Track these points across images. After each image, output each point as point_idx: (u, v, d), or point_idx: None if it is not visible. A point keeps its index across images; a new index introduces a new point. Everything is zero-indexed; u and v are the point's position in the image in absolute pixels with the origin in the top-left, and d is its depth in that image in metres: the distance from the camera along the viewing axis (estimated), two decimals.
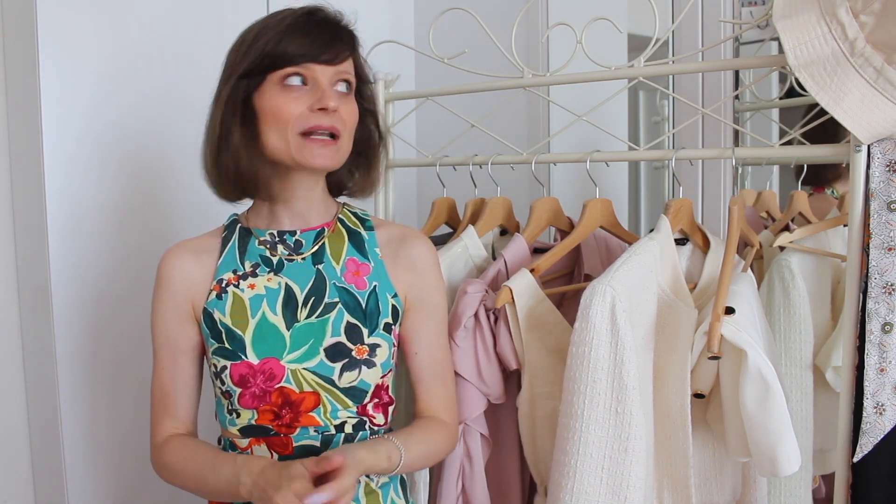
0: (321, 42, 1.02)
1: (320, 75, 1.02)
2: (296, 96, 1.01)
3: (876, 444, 1.01)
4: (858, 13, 0.98)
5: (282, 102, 1.01)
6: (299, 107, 1.01)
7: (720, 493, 1.14)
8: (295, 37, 1.01)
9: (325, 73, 1.02)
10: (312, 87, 1.02)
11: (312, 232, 1.10)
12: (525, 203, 1.37)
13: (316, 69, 1.02)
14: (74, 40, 1.45)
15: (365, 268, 1.10)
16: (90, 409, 1.52)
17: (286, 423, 1.04)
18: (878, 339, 1.01)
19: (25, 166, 1.48)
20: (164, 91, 1.57)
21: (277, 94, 1.01)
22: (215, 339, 1.06)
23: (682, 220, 1.20)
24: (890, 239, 1.00)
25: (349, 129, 1.06)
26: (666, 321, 1.08)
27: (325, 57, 1.02)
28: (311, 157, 1.02)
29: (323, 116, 1.01)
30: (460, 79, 1.40)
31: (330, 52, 1.02)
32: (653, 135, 1.67)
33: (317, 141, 1.02)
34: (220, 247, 1.11)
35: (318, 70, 1.02)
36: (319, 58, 1.01)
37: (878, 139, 1.00)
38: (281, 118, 1.01)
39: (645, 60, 1.20)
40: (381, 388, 1.08)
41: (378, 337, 1.06)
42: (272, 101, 1.01)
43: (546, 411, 1.16)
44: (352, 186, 1.15)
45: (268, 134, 1.02)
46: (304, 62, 1.01)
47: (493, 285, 1.24)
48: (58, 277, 1.45)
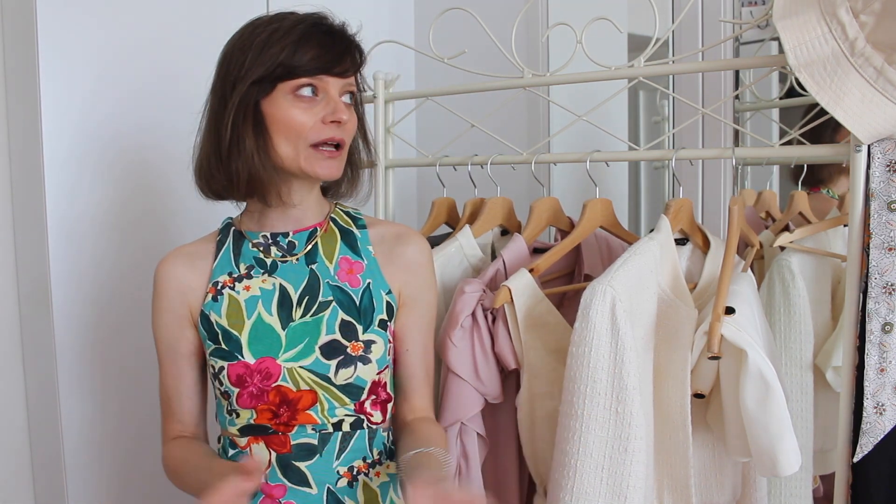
0: (335, 54, 1.03)
1: (331, 87, 1.04)
2: (307, 107, 1.02)
3: (876, 444, 1.01)
4: (858, 13, 0.98)
5: (295, 113, 1.02)
6: (312, 118, 1.02)
7: (720, 493, 1.14)
8: (310, 47, 1.01)
9: (336, 84, 1.04)
10: (323, 99, 1.03)
11: (305, 232, 1.11)
12: (525, 203, 1.37)
13: (328, 81, 1.03)
14: (74, 37, 1.45)
15: (358, 266, 1.10)
16: (90, 409, 1.52)
17: (284, 422, 1.04)
18: (878, 339, 1.01)
19: (25, 166, 1.48)
20: (164, 86, 1.57)
21: (290, 105, 1.02)
22: (212, 341, 1.07)
23: (682, 220, 1.20)
24: (890, 239, 1.00)
25: (352, 137, 1.08)
26: (666, 321, 1.08)
27: (337, 70, 1.03)
28: (319, 168, 1.04)
29: (336, 129, 1.04)
30: (460, 79, 1.40)
31: (342, 64, 1.03)
32: (653, 135, 1.67)
33: (324, 152, 1.04)
34: (214, 251, 1.11)
35: (331, 82, 1.03)
36: (332, 70, 1.03)
37: (878, 139, 1.00)
38: (293, 129, 1.02)
39: (645, 60, 1.20)
40: (379, 385, 1.08)
41: (373, 333, 1.07)
42: (284, 111, 1.02)
43: (546, 411, 1.16)
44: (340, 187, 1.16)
45: (279, 142, 1.03)
46: (319, 74, 1.02)
47: (492, 285, 1.24)
48: (58, 277, 1.45)
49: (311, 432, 1.05)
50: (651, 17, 1.18)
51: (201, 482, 0.98)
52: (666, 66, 1.24)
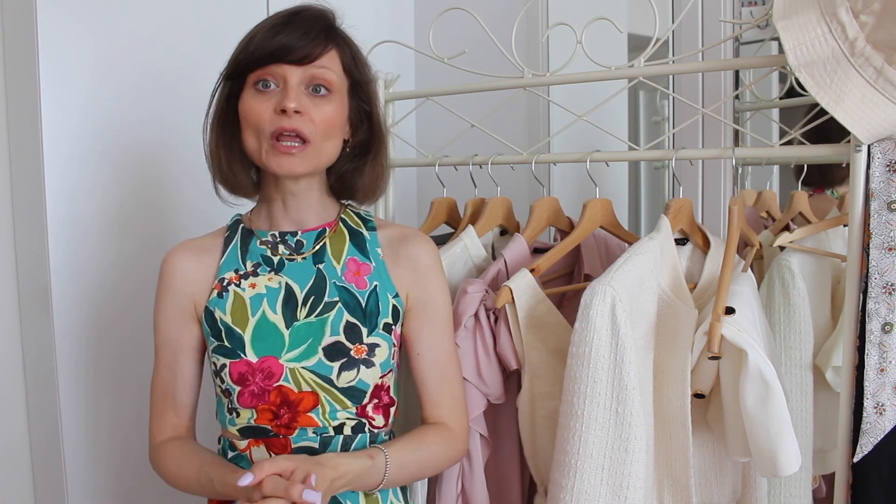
0: (290, 42, 1.00)
1: (290, 76, 1.01)
2: (265, 98, 1.01)
3: (876, 444, 1.01)
4: (858, 13, 0.98)
5: (252, 104, 1.02)
6: (267, 109, 1.01)
7: (720, 493, 1.14)
8: (267, 38, 1.00)
9: (295, 74, 1.01)
10: (281, 90, 1.02)
11: (314, 232, 1.10)
12: (525, 203, 1.37)
13: (286, 70, 1.01)
14: (74, 35, 1.45)
15: (366, 267, 1.09)
16: (90, 410, 1.52)
17: (285, 424, 1.04)
18: (878, 339, 1.01)
19: (25, 166, 1.48)
20: (164, 84, 1.57)
21: (251, 97, 1.02)
22: (215, 338, 1.06)
23: (682, 220, 1.20)
24: (890, 239, 1.00)
25: (323, 131, 1.03)
26: (666, 321, 1.08)
27: (291, 58, 1.00)
28: (276, 163, 1.02)
29: (285, 119, 1.00)
30: (460, 79, 1.40)
31: (298, 52, 1.00)
32: (653, 135, 1.67)
33: (282, 146, 1.01)
34: (222, 246, 1.11)
35: (288, 71, 1.01)
36: (286, 58, 1.00)
37: (878, 139, 1.00)
38: (250, 120, 1.02)
39: (645, 60, 1.20)
40: (381, 389, 1.08)
41: (377, 337, 1.06)
42: (246, 103, 1.03)
43: (546, 411, 1.16)
44: (357, 191, 1.14)
45: (246, 136, 1.04)
46: (272, 63, 1.00)
47: (494, 285, 1.24)
48: (58, 277, 1.45)
49: (312, 435, 1.04)
50: (651, 17, 1.18)
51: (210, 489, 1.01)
52: (666, 66, 1.24)
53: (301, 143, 1.01)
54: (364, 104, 1.11)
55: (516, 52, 1.31)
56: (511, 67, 1.32)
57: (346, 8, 1.11)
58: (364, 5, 1.91)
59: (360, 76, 1.09)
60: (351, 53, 1.08)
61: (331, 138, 1.05)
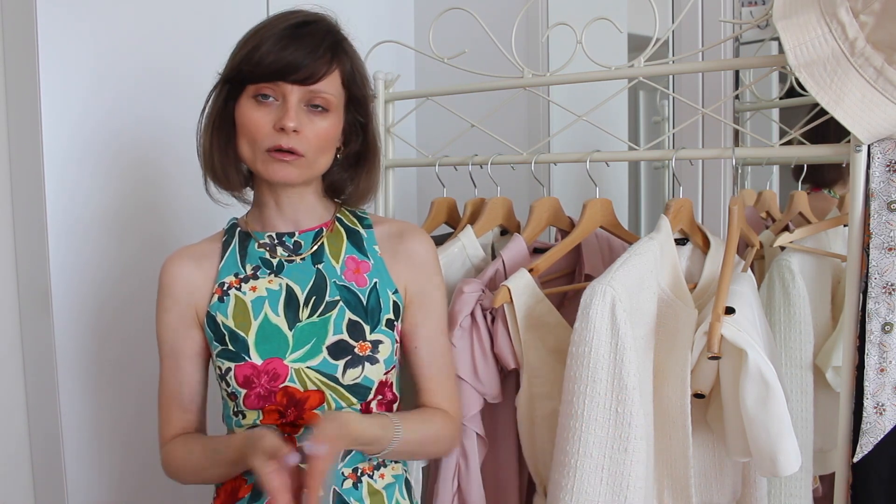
0: (296, 61, 1.00)
1: (290, 93, 1.01)
2: (265, 112, 1.02)
3: (876, 444, 1.01)
4: (858, 13, 0.98)
5: (252, 117, 1.02)
6: (266, 124, 1.01)
7: (720, 493, 1.14)
8: (272, 52, 0.99)
9: (296, 92, 1.01)
10: (281, 104, 1.02)
11: (311, 232, 1.11)
12: (525, 203, 1.37)
13: (286, 87, 1.01)
14: (74, 35, 1.45)
15: (365, 265, 1.10)
16: (90, 410, 1.52)
17: (291, 423, 1.04)
18: (878, 339, 1.01)
19: (25, 166, 1.48)
20: (163, 84, 1.57)
21: (251, 108, 1.02)
22: (219, 342, 1.06)
23: (682, 220, 1.20)
24: (890, 239, 1.00)
25: (317, 147, 1.04)
26: (666, 321, 1.08)
27: (295, 77, 1.00)
28: (273, 172, 1.03)
29: (283, 137, 1.01)
30: (460, 79, 1.40)
31: (303, 72, 1.00)
32: (653, 135, 1.67)
33: (278, 157, 1.02)
34: (220, 251, 1.11)
35: (289, 89, 1.01)
36: (289, 77, 1.00)
37: (878, 139, 1.00)
38: (248, 132, 1.03)
39: (645, 60, 1.20)
40: (385, 385, 1.08)
41: (380, 333, 1.07)
42: (245, 113, 1.03)
43: (545, 411, 1.16)
44: (349, 193, 1.15)
45: (240, 143, 1.05)
46: (274, 80, 1.00)
47: (492, 285, 1.24)
48: (58, 278, 1.45)
49: None
50: (651, 17, 1.18)
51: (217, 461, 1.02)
52: (666, 66, 1.24)
53: (296, 155, 1.03)
54: (360, 117, 1.11)
55: (516, 52, 1.31)
56: (511, 67, 1.32)
57: (346, 8, 1.11)
58: (364, 5, 1.91)
59: (359, 91, 1.09)
60: (352, 68, 1.07)
61: (325, 152, 1.06)
